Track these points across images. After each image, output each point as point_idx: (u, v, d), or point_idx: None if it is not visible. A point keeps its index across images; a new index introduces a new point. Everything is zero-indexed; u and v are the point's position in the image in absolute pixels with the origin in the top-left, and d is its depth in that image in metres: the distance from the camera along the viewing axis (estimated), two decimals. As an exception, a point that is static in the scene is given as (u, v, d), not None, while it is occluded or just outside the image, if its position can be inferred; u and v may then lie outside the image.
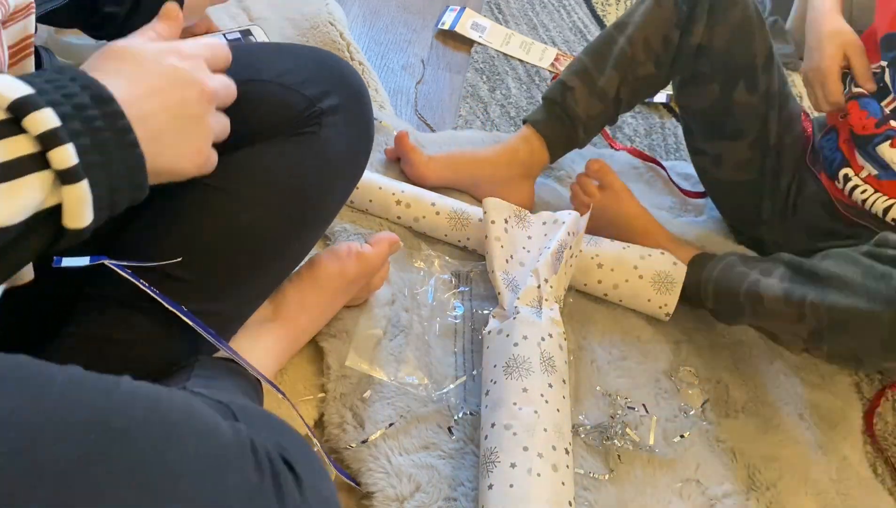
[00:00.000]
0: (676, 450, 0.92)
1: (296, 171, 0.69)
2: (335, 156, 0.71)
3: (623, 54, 1.08)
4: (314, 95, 0.69)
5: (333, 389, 0.87)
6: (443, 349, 0.94)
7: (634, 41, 1.07)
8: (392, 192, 1.05)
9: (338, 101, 0.70)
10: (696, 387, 1.00)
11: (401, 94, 1.35)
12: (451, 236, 1.05)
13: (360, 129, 0.75)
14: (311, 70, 0.70)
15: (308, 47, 0.76)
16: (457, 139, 1.25)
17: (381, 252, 0.89)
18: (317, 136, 0.69)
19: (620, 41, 1.09)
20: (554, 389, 0.82)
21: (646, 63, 1.08)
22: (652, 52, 1.07)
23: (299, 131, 0.69)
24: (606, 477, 0.87)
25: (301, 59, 0.71)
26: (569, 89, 1.10)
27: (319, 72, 0.71)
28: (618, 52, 1.08)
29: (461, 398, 0.89)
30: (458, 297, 1.00)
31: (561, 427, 0.79)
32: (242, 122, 0.59)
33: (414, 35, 1.48)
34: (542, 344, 0.84)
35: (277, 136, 0.68)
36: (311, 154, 0.70)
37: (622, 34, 1.09)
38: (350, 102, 0.72)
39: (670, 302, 1.02)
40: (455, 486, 0.82)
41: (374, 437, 0.83)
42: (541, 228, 1.01)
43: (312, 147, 0.70)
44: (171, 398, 0.44)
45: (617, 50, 1.09)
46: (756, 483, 0.92)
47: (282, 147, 0.68)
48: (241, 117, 0.58)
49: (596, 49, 1.11)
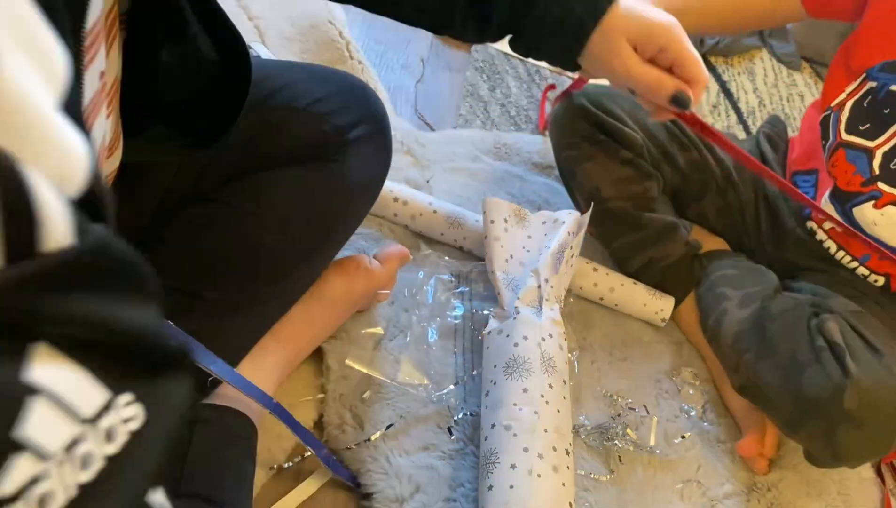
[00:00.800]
0: (677, 451, 0.91)
1: (319, 197, 0.71)
2: (357, 183, 0.73)
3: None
4: (344, 126, 0.72)
5: (333, 389, 0.86)
6: (442, 349, 0.94)
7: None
8: (390, 189, 1.05)
9: (364, 131, 0.73)
10: (697, 388, 0.99)
11: (400, 93, 1.34)
12: (447, 236, 1.05)
13: (382, 157, 0.78)
14: (341, 99, 0.73)
15: (336, 71, 0.78)
16: (457, 138, 1.24)
17: (391, 271, 0.90)
18: (341, 164, 0.71)
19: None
20: (554, 389, 0.81)
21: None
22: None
23: (326, 158, 0.70)
24: (607, 478, 0.87)
25: (330, 85, 0.74)
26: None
27: (349, 101, 0.74)
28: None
29: (461, 399, 0.89)
30: (458, 297, 1.00)
31: (561, 428, 0.79)
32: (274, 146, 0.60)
33: (413, 34, 1.48)
34: (542, 345, 0.84)
35: (306, 162, 0.70)
36: (335, 181, 0.72)
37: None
38: (375, 132, 0.75)
39: (666, 307, 1.02)
40: (455, 487, 0.81)
41: (373, 438, 0.83)
42: (540, 227, 1.00)
43: (337, 175, 0.72)
44: None
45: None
46: (757, 484, 0.92)
47: (309, 173, 0.70)
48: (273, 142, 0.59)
49: None
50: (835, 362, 0.83)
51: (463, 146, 1.22)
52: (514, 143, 1.25)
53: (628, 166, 1.01)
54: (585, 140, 1.02)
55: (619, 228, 1.03)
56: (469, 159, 1.20)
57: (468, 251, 1.06)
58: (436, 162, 1.17)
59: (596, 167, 1.01)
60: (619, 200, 1.01)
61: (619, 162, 1.01)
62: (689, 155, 1.07)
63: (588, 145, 1.01)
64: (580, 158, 1.01)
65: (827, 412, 0.82)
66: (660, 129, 1.06)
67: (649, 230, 1.02)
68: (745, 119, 1.48)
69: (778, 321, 0.91)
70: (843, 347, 0.84)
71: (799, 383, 0.85)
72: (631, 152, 1.01)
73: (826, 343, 0.85)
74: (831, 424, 0.82)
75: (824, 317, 0.89)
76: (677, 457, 0.91)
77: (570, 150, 1.02)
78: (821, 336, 0.86)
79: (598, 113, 1.01)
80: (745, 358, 0.91)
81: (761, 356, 0.89)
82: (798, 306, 0.92)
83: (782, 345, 0.88)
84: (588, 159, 1.00)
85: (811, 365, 0.85)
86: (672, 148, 1.06)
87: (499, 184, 1.18)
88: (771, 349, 0.89)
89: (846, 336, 0.86)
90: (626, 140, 1.01)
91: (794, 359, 0.86)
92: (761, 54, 1.64)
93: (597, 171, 1.01)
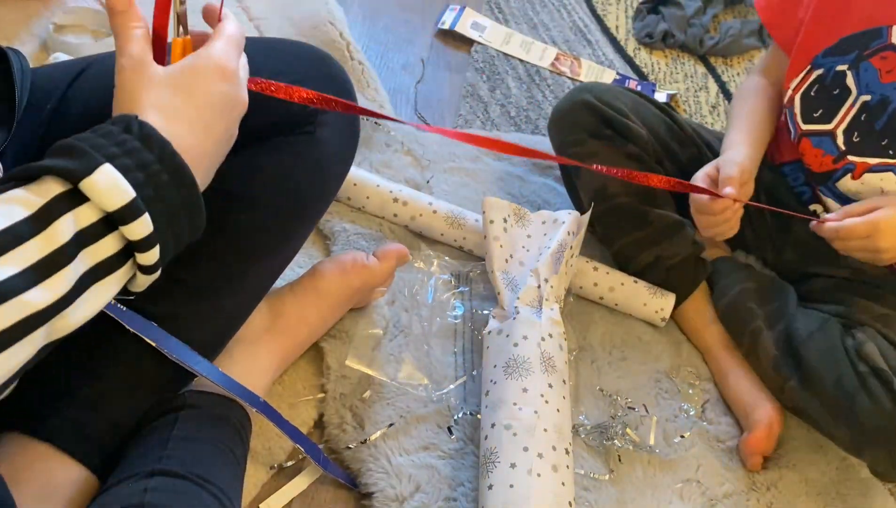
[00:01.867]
0: (677, 450, 0.92)
1: (292, 172, 0.69)
2: (329, 156, 0.71)
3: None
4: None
5: (333, 389, 0.87)
6: (442, 349, 0.94)
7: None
8: (390, 189, 1.05)
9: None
10: (697, 387, 1.00)
11: (400, 93, 1.35)
12: (447, 236, 1.05)
13: (351, 127, 0.76)
14: (303, 70, 0.70)
15: (294, 43, 0.75)
16: (457, 139, 1.25)
17: (389, 267, 0.89)
18: (312, 136, 0.69)
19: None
20: (554, 389, 0.81)
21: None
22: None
23: (295, 132, 0.69)
24: (607, 478, 0.87)
25: (291, 57, 0.72)
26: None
27: (311, 71, 0.71)
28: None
29: (461, 399, 0.89)
30: (458, 297, 1.00)
31: (561, 428, 0.79)
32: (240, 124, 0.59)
33: (414, 34, 1.48)
34: (542, 344, 0.84)
35: (274, 136, 0.68)
36: (307, 155, 0.70)
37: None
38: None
39: (666, 307, 1.02)
40: (455, 486, 0.82)
41: (373, 437, 0.83)
42: (540, 227, 1.00)
43: (308, 148, 0.70)
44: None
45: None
46: (756, 484, 0.92)
47: (278, 148, 0.68)
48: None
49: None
50: (882, 387, 0.85)
51: (463, 146, 1.22)
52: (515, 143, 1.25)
53: (634, 161, 1.01)
54: (591, 136, 1.02)
55: (625, 225, 1.03)
56: (469, 160, 1.20)
57: (468, 251, 1.06)
58: (435, 162, 1.18)
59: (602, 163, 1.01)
60: (627, 195, 1.01)
61: (625, 157, 1.01)
62: (689, 151, 1.07)
63: (594, 141, 1.01)
64: (586, 155, 1.01)
65: (886, 437, 0.85)
66: (661, 125, 1.06)
67: (657, 226, 1.02)
68: (745, 119, 1.48)
69: (811, 345, 0.91)
70: (889, 371, 0.86)
71: (852, 413, 0.86)
72: (636, 146, 1.01)
73: (869, 368, 0.87)
74: (892, 446, 0.85)
75: (860, 338, 0.90)
76: (677, 457, 0.91)
77: (576, 147, 1.02)
78: (862, 361, 0.88)
79: (603, 108, 1.01)
80: (789, 386, 0.92)
81: (805, 386, 0.91)
82: (827, 325, 0.93)
83: (825, 374, 0.89)
84: (594, 156, 1.00)
85: (859, 393, 0.86)
86: (673, 144, 1.06)
87: (498, 184, 1.18)
88: (814, 379, 0.90)
89: (887, 357, 0.87)
90: (631, 135, 1.01)
91: (841, 388, 0.87)
92: (760, 55, 1.65)
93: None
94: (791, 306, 0.98)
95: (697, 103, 1.49)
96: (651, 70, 1.55)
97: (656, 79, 1.53)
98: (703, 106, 1.49)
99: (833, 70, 0.94)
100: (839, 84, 0.94)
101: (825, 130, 0.95)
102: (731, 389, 0.98)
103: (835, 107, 0.94)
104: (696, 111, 1.47)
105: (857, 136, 0.93)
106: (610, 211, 1.02)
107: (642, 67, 1.55)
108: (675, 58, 1.59)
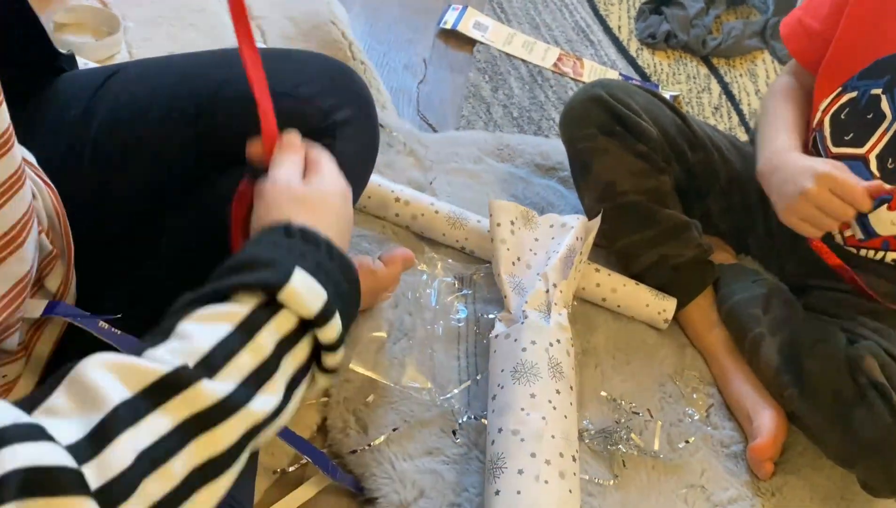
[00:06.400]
0: (681, 455, 0.91)
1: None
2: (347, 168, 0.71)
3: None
4: (328, 108, 0.69)
5: (336, 393, 0.86)
6: (446, 353, 0.93)
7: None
8: (391, 189, 1.04)
9: (350, 113, 0.70)
10: (701, 391, 0.99)
11: (403, 93, 1.34)
12: (448, 236, 1.04)
13: (370, 140, 0.76)
14: (323, 81, 0.70)
15: (315, 55, 0.75)
16: (459, 139, 1.24)
17: (395, 272, 0.89)
18: (332, 148, 0.69)
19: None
20: (562, 395, 0.81)
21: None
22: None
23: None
24: (611, 483, 0.87)
25: (311, 67, 0.71)
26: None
27: (331, 82, 0.71)
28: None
29: (465, 403, 0.89)
30: (462, 300, 0.99)
31: (568, 434, 0.79)
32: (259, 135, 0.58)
33: (416, 34, 1.47)
34: (550, 350, 0.83)
35: None
36: None
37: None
38: (361, 113, 0.72)
39: (669, 308, 1.02)
40: (459, 492, 0.81)
41: (377, 442, 0.83)
42: (548, 230, 1.00)
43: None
44: None
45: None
46: (761, 489, 0.91)
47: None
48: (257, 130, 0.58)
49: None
50: (881, 401, 0.85)
51: (465, 147, 1.22)
52: (517, 144, 1.25)
53: (643, 160, 1.00)
54: (601, 131, 1.01)
55: (632, 223, 1.02)
56: (471, 161, 1.20)
57: (470, 253, 1.05)
58: (438, 163, 1.17)
59: (611, 160, 1.00)
60: (635, 193, 1.01)
61: (635, 155, 1.00)
62: (698, 154, 1.07)
63: (604, 138, 1.01)
64: (596, 150, 1.01)
65: (882, 451, 0.84)
66: (672, 126, 1.06)
67: (664, 226, 1.01)
68: (748, 121, 1.47)
69: (813, 355, 0.91)
70: (888, 386, 0.85)
71: (849, 424, 0.86)
72: (646, 146, 1.01)
73: (869, 381, 0.86)
74: (887, 460, 0.84)
75: (861, 351, 0.89)
76: (681, 462, 0.91)
77: (586, 141, 1.02)
78: (862, 374, 0.87)
79: (615, 104, 1.01)
80: (788, 393, 0.92)
81: (804, 395, 0.90)
82: (829, 333, 0.92)
83: (824, 384, 0.89)
84: (604, 152, 1.00)
85: (858, 406, 0.86)
86: (682, 145, 1.06)
87: (502, 186, 1.17)
88: (813, 389, 0.89)
89: (886, 370, 0.87)
90: (642, 133, 1.01)
91: (839, 398, 0.87)
92: (763, 56, 1.64)
93: (612, 164, 1.00)
94: (796, 314, 0.98)
95: (700, 105, 1.49)
96: (653, 71, 1.54)
97: (659, 80, 1.52)
98: (705, 107, 1.48)
99: (868, 93, 0.91)
100: (873, 108, 0.91)
101: (857, 153, 0.93)
102: (733, 393, 0.98)
103: (868, 131, 0.92)
104: (699, 112, 1.47)
105: (893, 162, 0.90)
106: (617, 208, 1.01)
107: (645, 67, 1.55)
108: (678, 58, 1.58)
